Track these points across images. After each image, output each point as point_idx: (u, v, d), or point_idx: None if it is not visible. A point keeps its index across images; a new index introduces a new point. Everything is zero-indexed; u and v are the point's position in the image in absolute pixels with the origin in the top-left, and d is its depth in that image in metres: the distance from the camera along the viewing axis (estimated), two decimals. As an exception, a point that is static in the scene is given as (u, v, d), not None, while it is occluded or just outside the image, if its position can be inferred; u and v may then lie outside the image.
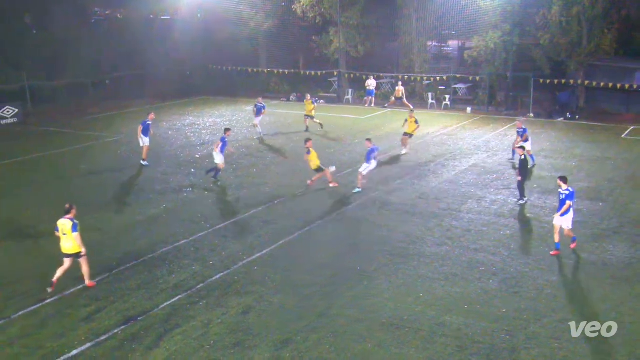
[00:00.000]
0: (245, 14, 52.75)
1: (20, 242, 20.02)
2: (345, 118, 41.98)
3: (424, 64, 48.63)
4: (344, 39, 48.95)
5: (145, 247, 19.34)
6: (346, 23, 48.49)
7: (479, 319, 14.83)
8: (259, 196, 24.50)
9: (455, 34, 52.29)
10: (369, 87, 47.08)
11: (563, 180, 18.54)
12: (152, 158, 30.21)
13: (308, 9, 48.82)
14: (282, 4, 52.27)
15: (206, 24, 55.76)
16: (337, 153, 31.44)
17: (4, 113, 39.44)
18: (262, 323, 14.72)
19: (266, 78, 53.81)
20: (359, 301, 15.78)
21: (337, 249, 19.21)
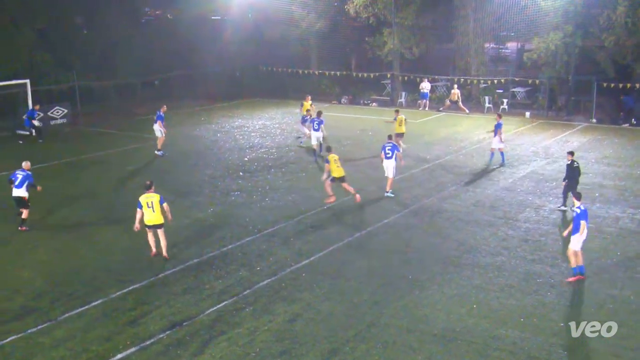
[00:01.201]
0: (297, 14, 52.99)
1: (67, 243, 20.43)
2: (398, 122, 41.78)
3: (481, 67, 48.18)
4: (398, 40, 48.77)
5: (192, 251, 19.56)
6: (401, 23, 48.32)
7: (536, 333, 14.59)
8: (307, 201, 24.57)
9: (514, 36, 51.76)
10: (424, 90, 46.81)
11: (576, 196, 17.79)
12: (200, 161, 30.63)
13: (361, 9, 48.78)
14: (334, 4, 52.33)
15: (257, 24, 56.21)
16: (389, 158, 31.29)
17: (54, 113, 40.36)
18: (309, 331, 14.74)
19: (317, 80, 53.96)
20: (410, 311, 15.69)
21: (388, 257, 19.14)
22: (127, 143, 34.30)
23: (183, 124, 40.88)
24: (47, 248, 19.97)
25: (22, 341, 14.30)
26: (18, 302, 16.17)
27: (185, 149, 33.48)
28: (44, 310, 15.70)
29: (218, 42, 52.80)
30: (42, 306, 15.95)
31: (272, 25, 53.98)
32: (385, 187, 25.42)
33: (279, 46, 54.22)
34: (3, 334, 14.56)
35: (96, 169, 29.90)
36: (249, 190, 26.06)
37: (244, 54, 55.04)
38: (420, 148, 33.51)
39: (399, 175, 27.99)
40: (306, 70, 53.86)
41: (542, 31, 43.83)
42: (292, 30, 53.06)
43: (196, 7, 52.83)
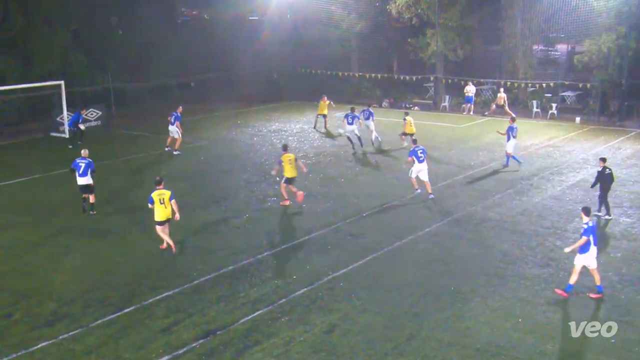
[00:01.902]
0: (337, 14, 53.10)
1: (100, 248, 20.71)
2: (441, 126, 41.63)
3: (529, 69, 47.73)
4: (442, 41, 48.57)
5: (226, 258, 19.67)
6: (445, 24, 48.12)
7: (585, 350, 14.38)
8: (346, 208, 24.56)
9: (564, 37, 51.24)
10: (468, 93, 46.52)
11: (585, 211, 17.23)
12: (236, 165, 30.84)
13: (404, 10, 48.69)
14: (376, 4, 52.34)
15: (295, 25, 56.43)
16: (432, 163, 31.12)
17: (88, 115, 40.93)
18: (346, 343, 14.72)
19: (357, 82, 53.96)
20: (452, 324, 15.58)
21: (429, 267, 19.04)
22: (161, 146, 34.62)
23: (219, 127, 41.21)
24: (80, 253, 20.26)
25: (54, 347, 14.51)
26: (50, 308, 16.42)
27: (221, 152, 33.73)
28: (76, 316, 15.92)
29: (255, 43, 53.14)
30: (74, 312, 16.18)
31: (311, 25, 54.16)
32: (426, 192, 25.73)
33: (318, 47, 54.33)
34: (34, 339, 14.79)
35: (130, 172, 30.26)
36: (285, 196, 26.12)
37: (282, 55, 55.28)
38: (464, 154, 33.31)
39: (443, 181, 27.89)
40: (346, 73, 53.89)
41: (593, 32, 43.30)
42: (332, 31, 53.19)
43: (234, 7, 53.28)
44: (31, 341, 14.72)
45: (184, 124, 38.35)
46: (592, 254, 16.90)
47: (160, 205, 19.59)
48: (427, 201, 25.25)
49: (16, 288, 17.60)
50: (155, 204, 19.59)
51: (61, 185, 27.81)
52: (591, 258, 16.91)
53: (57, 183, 28.29)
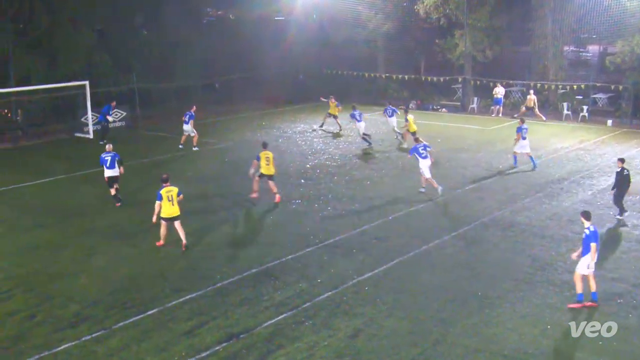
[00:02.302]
0: (364, 15, 53.04)
1: (123, 250, 20.86)
2: (469, 129, 41.45)
3: (560, 71, 47.34)
4: (471, 42, 48.35)
5: (250, 260, 19.72)
6: (473, 25, 47.86)
7: (615, 358, 14.24)
8: (372, 211, 24.53)
9: (595, 38, 50.71)
10: (497, 95, 46.23)
11: (585, 216, 16.95)
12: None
13: (432, 10, 48.51)
14: (403, 5, 52.21)
15: (321, 25, 56.45)
16: (459, 166, 31.07)
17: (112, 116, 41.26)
18: (371, 348, 14.69)
19: (384, 83, 53.89)
20: (479, 330, 15.49)
21: (456, 272, 18.95)
22: (186, 147, 34.81)
23: (244, 128, 41.35)
24: (103, 255, 20.42)
25: (76, 349, 14.64)
26: (73, 310, 16.56)
27: (246, 154, 33.72)
28: (99, 319, 16.05)
29: (281, 43, 53.22)
30: (97, 314, 16.30)
31: (337, 26, 54.11)
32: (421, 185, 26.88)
33: (344, 48, 54.34)
34: (57, 341, 14.93)
35: (154, 173, 30.40)
36: (310, 198, 26.17)
37: (308, 56, 55.32)
38: (492, 157, 33.13)
39: (471, 184, 27.76)
40: (372, 74, 53.83)
41: (626, 33, 42.83)
42: (358, 31, 53.12)
43: (259, 7, 53.40)
44: (54, 342, 14.86)
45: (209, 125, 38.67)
46: (587, 261, 16.70)
47: (168, 202, 20.32)
48: (454, 204, 25.14)
49: (40, 289, 17.79)
50: (163, 201, 20.30)
51: (85, 186, 28.09)
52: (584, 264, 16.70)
53: (81, 184, 28.57)
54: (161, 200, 20.29)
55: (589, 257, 16.60)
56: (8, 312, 16.46)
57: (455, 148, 35.33)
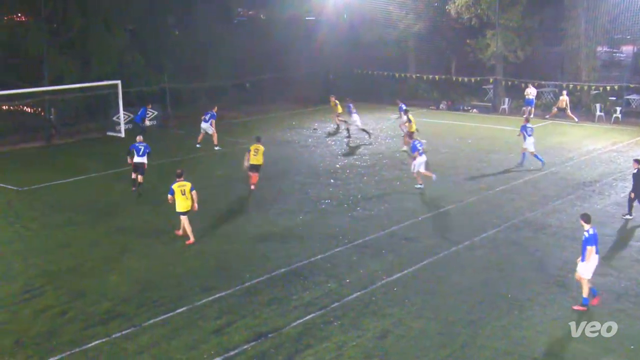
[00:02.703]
0: (395, 15, 52.89)
1: (154, 248, 21.01)
2: (500, 130, 41.15)
3: (593, 72, 46.82)
4: (502, 42, 47.99)
5: (279, 260, 19.76)
6: (505, 25, 47.50)
7: (647, 363, 14.09)
8: (401, 211, 24.47)
9: (629, 39, 50.06)
10: (529, 96, 45.78)
11: (584, 219, 16.78)
12: (290, 167, 31.02)
13: (463, 10, 48.25)
14: (434, 4, 51.97)
15: (352, 25, 56.41)
16: (490, 167, 30.88)
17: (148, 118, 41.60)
18: (400, 349, 14.66)
19: (414, 84, 53.73)
20: (509, 332, 15.39)
21: (486, 273, 18.84)
22: (205, 147, 34.95)
23: (274, 128, 41.43)
24: (134, 253, 20.59)
25: (107, 346, 14.78)
26: (104, 307, 16.72)
27: (275, 154, 33.85)
28: (129, 316, 16.19)
29: (311, 43, 53.25)
30: (128, 311, 16.45)
31: (368, 26, 54.06)
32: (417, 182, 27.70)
33: (374, 48, 54.21)
34: (88, 337, 15.08)
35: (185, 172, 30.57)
36: (340, 198, 26.16)
37: (338, 56, 55.26)
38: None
39: (501, 185, 27.59)
40: (403, 74, 53.68)
41: (661, 34, 42.32)
42: (389, 31, 53.00)
43: (290, 7, 53.46)
44: (85, 339, 15.01)
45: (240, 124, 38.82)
46: (593, 264, 16.51)
47: (181, 196, 20.97)
48: (485, 205, 25.00)
49: (71, 286, 17.98)
50: (177, 195, 20.95)
51: (117, 185, 28.35)
52: (590, 267, 16.50)
53: (113, 182, 28.83)
54: (173, 195, 21.00)
55: (594, 259, 16.47)
56: (40, 308, 16.66)
57: (486, 149, 35.10)
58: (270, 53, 52.20)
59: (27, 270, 19.12)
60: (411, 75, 53.61)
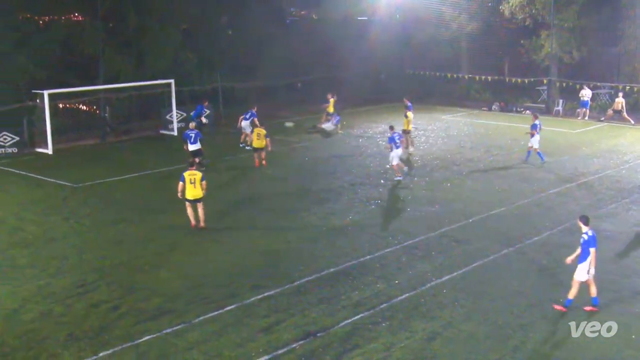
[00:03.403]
0: (447, 15, 52.59)
1: (204, 245, 21.20)
2: (554, 132, 40.52)
3: (650, 73, 45.89)
4: (557, 43, 47.31)
5: (328, 259, 19.77)
6: (560, 25, 46.82)
7: None
8: (452, 213, 24.28)
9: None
10: (584, 97, 45.09)
11: (583, 220, 16.53)
12: (340, 167, 31.03)
13: (517, 10, 47.72)
14: (488, 5, 51.54)
15: (404, 26, 56.22)
16: (542, 170, 30.45)
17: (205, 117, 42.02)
18: (448, 352, 14.54)
19: (466, 84, 53.31)
20: (560, 338, 15.14)
21: (537, 277, 18.58)
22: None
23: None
24: (185, 250, 20.81)
25: (157, 341, 14.96)
26: (154, 303, 16.93)
27: (326, 154, 33.95)
28: (179, 312, 16.36)
29: (363, 43, 53.19)
30: (178, 308, 16.62)
31: (420, 26, 53.86)
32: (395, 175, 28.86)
33: (427, 48, 54.00)
34: (139, 333, 15.29)
35: (236, 171, 30.87)
36: (390, 199, 26.08)
37: (390, 56, 55.15)
38: (577, 161, 32.37)
39: (554, 189, 27.19)
40: (455, 74, 53.30)
41: None
42: (441, 31, 52.71)
43: (343, 7, 53.50)
44: (136, 334, 15.22)
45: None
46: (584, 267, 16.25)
47: (190, 184, 22.04)
48: (537, 208, 24.65)
49: (123, 282, 18.25)
50: (186, 183, 22.03)
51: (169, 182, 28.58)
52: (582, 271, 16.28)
53: (166, 180, 29.13)
54: (184, 182, 22.04)
55: (588, 262, 16.19)
56: (93, 303, 16.94)
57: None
58: (321, 53, 52.29)
59: (81, 265, 19.48)
60: (463, 76, 53.23)
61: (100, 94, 39.08)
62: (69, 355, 14.34)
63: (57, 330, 15.43)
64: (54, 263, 19.57)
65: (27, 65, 37.05)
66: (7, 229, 22.73)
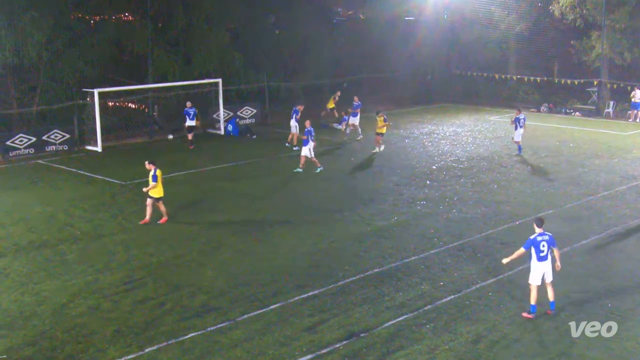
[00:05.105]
0: (496, 15, 52.15)
1: (249, 244, 21.30)
2: (603, 133, 39.95)
3: None
4: (608, 44, 46.53)
5: (373, 260, 19.74)
6: (612, 26, 46.03)
7: None
8: (498, 215, 24.06)
9: None
10: (635, 99, 44.32)
11: (537, 223, 16.37)
12: (386, 167, 30.97)
13: (567, 10, 47.07)
14: (537, 5, 50.95)
15: (452, 26, 55.87)
16: (592, 172, 29.98)
17: (243, 113, 42.29)
18: (493, 355, 14.40)
19: (514, 85, 52.74)
20: (608, 343, 14.88)
21: (584, 281, 18.30)
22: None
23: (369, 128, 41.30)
24: (230, 248, 20.95)
25: (202, 338, 15.10)
26: (199, 300, 17.09)
27: (369, 154, 33.85)
28: (224, 310, 16.48)
29: (410, 43, 52.97)
30: (222, 305, 16.75)
31: (468, 26, 53.48)
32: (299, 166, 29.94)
33: (474, 49, 53.58)
34: (184, 329, 15.45)
35: (281, 171, 30.96)
36: (435, 200, 25.92)
37: (437, 56, 54.88)
38: (628, 163, 31.81)
39: (603, 191, 26.75)
40: (503, 75, 52.78)
41: None
42: (489, 32, 52.26)
43: (390, 7, 53.35)
44: (181, 331, 15.38)
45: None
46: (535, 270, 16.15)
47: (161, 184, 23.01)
48: (586, 211, 24.28)
49: (169, 279, 18.44)
50: (158, 182, 22.90)
51: (216, 182, 28.93)
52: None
53: (212, 178, 29.42)
54: (156, 181, 22.86)
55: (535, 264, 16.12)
56: (140, 299, 17.17)
57: (588, 153, 34.10)
58: (368, 53, 52.22)
59: (129, 261, 19.74)
60: (511, 77, 52.66)
61: (149, 93, 39.55)
62: (115, 350, 14.56)
63: (104, 326, 15.67)
64: (102, 259, 19.88)
65: (78, 63, 37.67)
66: (57, 225, 23.14)
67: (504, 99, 51.11)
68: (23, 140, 33.94)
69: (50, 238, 21.75)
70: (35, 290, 17.62)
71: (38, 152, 34.21)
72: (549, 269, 16.14)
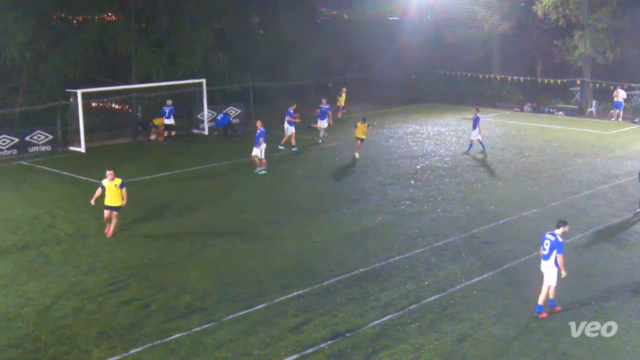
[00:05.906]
0: (480, 15, 52.33)
1: (235, 245, 21.26)
2: (586, 132, 40.20)
3: (686, 74, 45.24)
4: (591, 43, 46.82)
5: (358, 260, 19.75)
6: (594, 26, 46.33)
7: None
8: (482, 214, 24.15)
9: None
10: (617, 98, 44.61)
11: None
12: (370, 167, 30.99)
13: (550, 10, 47.32)
14: (520, 5, 51.18)
15: (436, 26, 56.03)
16: (575, 171, 30.16)
17: (227, 113, 42.19)
18: (478, 354, 14.46)
19: (498, 85, 52.95)
20: (591, 341, 14.97)
21: (568, 280, 18.29)
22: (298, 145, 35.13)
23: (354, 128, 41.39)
24: (215, 248, 20.91)
25: (187, 339, 15.05)
26: (185, 301, 17.04)
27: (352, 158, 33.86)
28: (209, 311, 16.45)
29: (394, 44, 53.06)
30: (208, 306, 16.71)
31: (452, 26, 53.63)
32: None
33: (458, 49, 53.74)
34: (169, 330, 15.39)
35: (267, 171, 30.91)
36: (420, 199, 25.98)
37: (421, 56, 54.97)
38: (610, 162, 32.01)
39: (586, 191, 26.92)
40: (487, 75, 53.00)
41: None
42: (473, 32, 52.44)
43: (374, 7, 53.45)
44: (166, 332, 15.32)
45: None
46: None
47: (110, 190, 21.75)
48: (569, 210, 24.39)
49: (154, 280, 18.38)
50: (106, 189, 21.76)
51: (200, 181, 28.88)
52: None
53: (196, 179, 29.35)
54: (103, 189, 21.71)
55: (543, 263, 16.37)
56: (124, 300, 17.09)
57: (571, 153, 34.30)
58: (352, 53, 52.33)
59: (113, 262, 19.65)
60: (495, 77, 52.89)
61: (133, 93, 39.40)
62: (100, 351, 14.48)
63: (88, 327, 15.59)
64: (86, 260, 19.78)
65: (61, 64, 37.47)
66: (40, 226, 23.01)
67: (488, 99, 51.31)
68: (6, 141, 33.73)
69: (34, 239, 21.63)
70: (19, 292, 17.52)
71: (21, 153, 34.01)
72: (548, 270, 16.23)
